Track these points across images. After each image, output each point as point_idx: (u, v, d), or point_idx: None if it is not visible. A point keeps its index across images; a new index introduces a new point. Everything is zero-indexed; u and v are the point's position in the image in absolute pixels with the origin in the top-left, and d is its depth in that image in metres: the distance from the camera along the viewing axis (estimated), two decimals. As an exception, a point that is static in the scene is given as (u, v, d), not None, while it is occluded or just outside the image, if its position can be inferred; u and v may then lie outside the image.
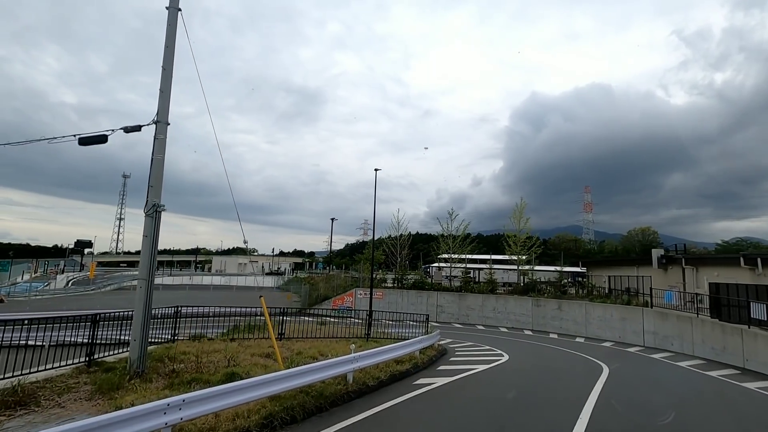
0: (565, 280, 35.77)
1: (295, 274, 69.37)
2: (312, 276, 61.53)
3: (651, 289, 22.99)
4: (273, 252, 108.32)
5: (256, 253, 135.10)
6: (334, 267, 76.74)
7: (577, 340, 24.40)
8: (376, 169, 25.13)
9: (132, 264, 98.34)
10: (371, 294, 25.58)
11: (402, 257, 42.96)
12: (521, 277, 36.43)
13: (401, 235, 42.65)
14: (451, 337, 24.28)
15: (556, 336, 25.98)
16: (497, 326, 30.56)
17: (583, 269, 39.73)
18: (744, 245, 51.85)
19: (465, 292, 34.01)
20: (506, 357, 16.50)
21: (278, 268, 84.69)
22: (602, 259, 35.81)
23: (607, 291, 31.35)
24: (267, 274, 78.80)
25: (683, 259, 25.69)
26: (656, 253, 31.26)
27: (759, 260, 21.14)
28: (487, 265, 38.89)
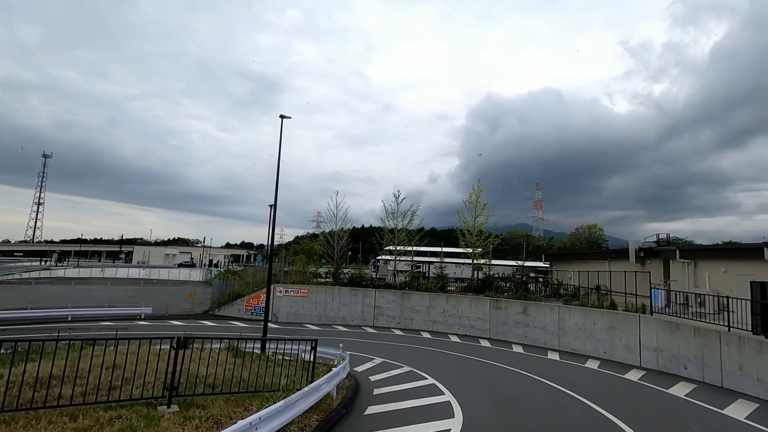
0: (527, 277, 29.57)
1: (227, 267, 59.96)
2: (246, 269, 52.87)
3: (650, 289, 16.69)
4: (205, 242, 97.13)
5: (199, 245, 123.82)
6: (276, 260, 67.68)
7: (550, 356, 17.79)
8: (282, 116, 17.26)
9: (33, 254, 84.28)
10: (268, 295, 17.70)
11: (341, 248, 35.32)
12: (476, 273, 29.87)
13: (339, 216, 34.94)
14: (384, 352, 16.92)
15: (521, 349, 19.31)
16: (447, 333, 23.65)
17: (546, 264, 33.82)
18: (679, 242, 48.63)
19: (409, 290, 26.89)
20: (456, 413, 9.29)
21: (211, 261, 74.47)
22: (568, 252, 29.83)
23: (573, 289, 25.27)
24: (180, 265, 68.54)
25: (677, 252, 19.79)
26: (634, 245, 25.44)
27: (790, 252, 15.29)
28: (438, 259, 32.00)
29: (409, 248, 32.46)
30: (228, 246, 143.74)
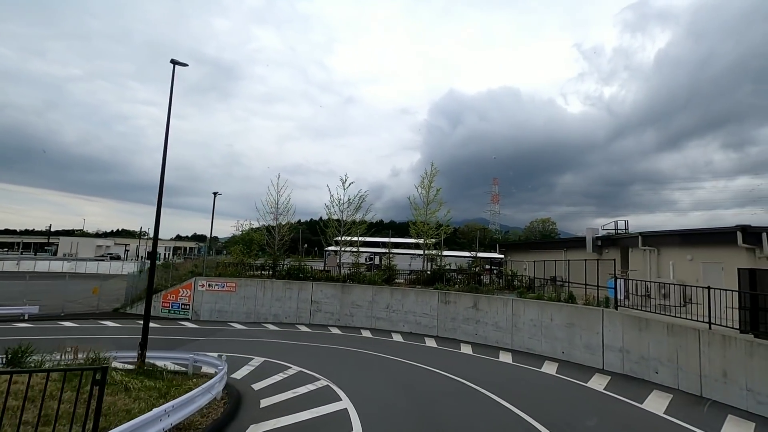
0: (479, 267, 27.14)
1: (165, 260, 54.43)
2: (185, 261, 47.94)
3: (615, 279, 14.31)
4: (152, 234, 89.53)
5: (145, 237, 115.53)
6: (221, 252, 62.76)
7: (502, 358, 15.14)
8: (173, 62, 13.38)
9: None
10: (149, 295, 13.90)
11: (282, 237, 31.58)
12: (427, 264, 27.13)
13: (280, 203, 31.11)
14: (306, 359, 13.52)
15: (470, 350, 16.59)
16: (391, 331, 20.66)
17: (502, 255, 31.62)
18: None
19: (351, 283, 23.68)
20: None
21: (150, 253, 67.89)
22: (524, 242, 27.63)
23: (528, 281, 23.03)
24: (106, 257, 62.17)
25: (639, 239, 17.72)
26: (591, 233, 23.45)
27: (765, 237, 13.32)
28: (386, 249, 28.94)
29: (355, 238, 29.25)
30: (178, 238, 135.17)
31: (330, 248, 33.97)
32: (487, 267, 30.78)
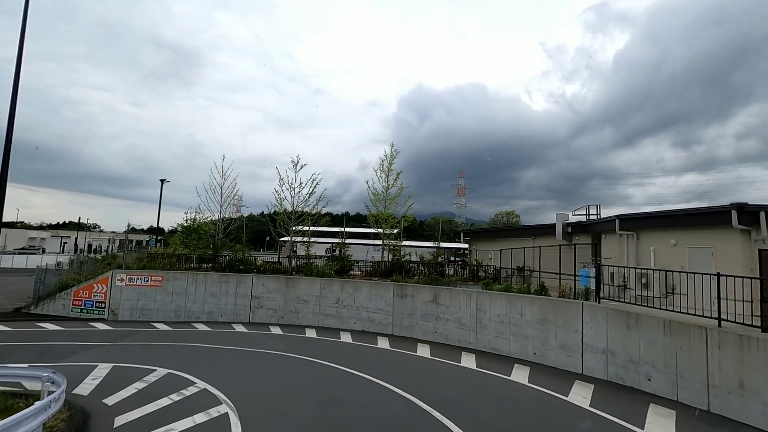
0: (442, 258, 24.70)
1: (100, 253, 49.19)
2: (119, 253, 43.12)
3: (597, 267, 11.96)
4: (90, 227, 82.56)
5: (97, 230, 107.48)
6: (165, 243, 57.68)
7: (464, 362, 12.56)
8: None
9: None
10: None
11: (226, 226, 27.99)
12: (386, 254, 24.42)
13: (224, 186, 27.45)
14: (219, 369, 10.20)
15: (427, 351, 13.95)
16: (340, 330, 17.79)
17: (466, 245, 29.34)
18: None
19: (297, 276, 20.58)
20: None
21: (91, 245, 61.92)
22: (489, 229, 25.38)
23: (495, 271, 20.74)
24: (21, 251, 56.22)
25: (617, 222, 15.61)
26: (561, 218, 21.38)
27: (764, 217, 11.34)
28: (339, 239, 25.94)
29: (306, 228, 26.09)
30: (133, 231, 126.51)
31: (284, 239, 30.56)
32: (452, 258, 28.47)
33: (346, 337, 16.30)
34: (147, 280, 20.56)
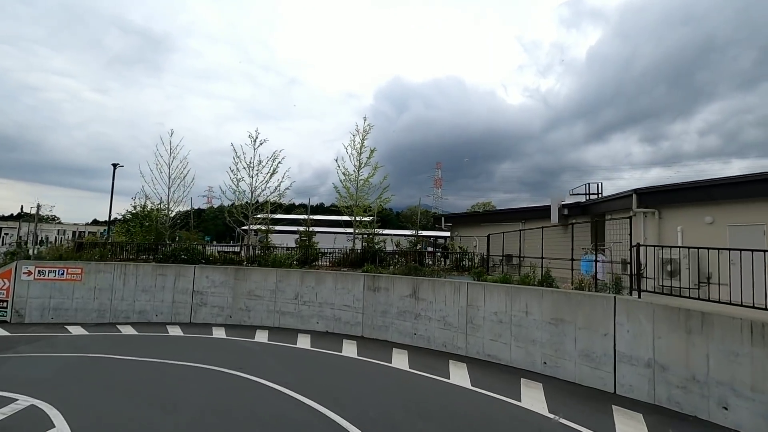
0: (420, 246, 21.53)
1: (45, 245, 43.81)
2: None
3: (635, 249, 8.89)
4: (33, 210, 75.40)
5: (55, 221, 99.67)
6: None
7: (454, 377, 9.30)
8: None
9: None
10: None
11: (174, 211, 23.98)
12: (359, 244, 21.10)
13: (173, 168, 23.30)
14: (118, 398, 6.66)
15: (405, 360, 10.67)
16: (299, 331, 14.33)
17: (446, 234, 26.22)
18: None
19: (250, 267, 16.95)
20: None
21: (37, 236, 55.64)
22: (474, 213, 22.34)
23: (480, 260, 17.72)
24: None
25: (634, 198, 12.71)
26: (556, 201, 18.53)
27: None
28: (303, 227, 22.32)
29: (263, 215, 22.40)
30: (95, 222, 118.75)
31: (244, 227, 26.51)
32: (430, 249, 25.31)
33: (304, 341, 12.86)
34: (62, 273, 16.48)
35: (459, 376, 9.33)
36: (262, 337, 13.58)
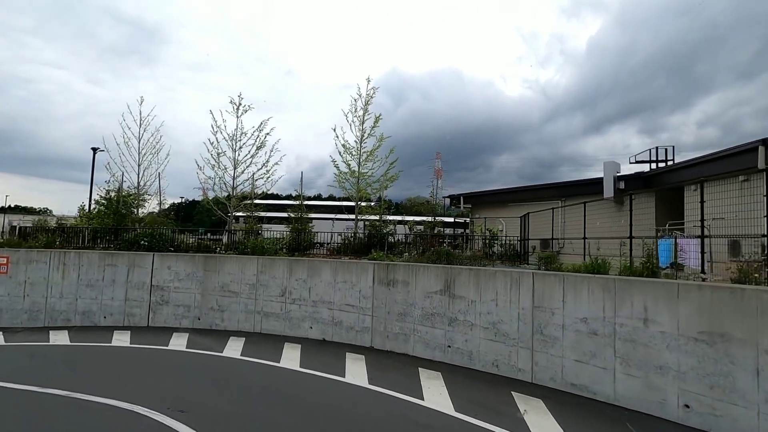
0: (440, 229, 17.64)
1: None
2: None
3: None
4: None
5: (48, 214, 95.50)
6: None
7: (534, 425, 5.56)
8: None
9: None
10: None
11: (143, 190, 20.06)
12: (360, 229, 17.19)
13: (144, 141, 19.26)
14: None
15: (440, 387, 6.86)
16: (286, 339, 10.44)
17: (458, 219, 22.24)
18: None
19: (224, 254, 13.03)
20: None
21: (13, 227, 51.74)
22: (501, 190, 18.34)
23: (513, 247, 13.76)
24: None
25: (762, 152, 8.80)
26: (611, 168, 14.66)
27: None
28: (292, 212, 18.29)
29: (251, 199, 18.47)
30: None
31: (230, 213, 22.34)
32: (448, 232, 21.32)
33: (291, 356, 8.95)
34: (-20, 264, 12.51)
35: (541, 426, 5.45)
36: (235, 348, 9.68)
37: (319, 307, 10.71)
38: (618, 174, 14.38)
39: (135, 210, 19.61)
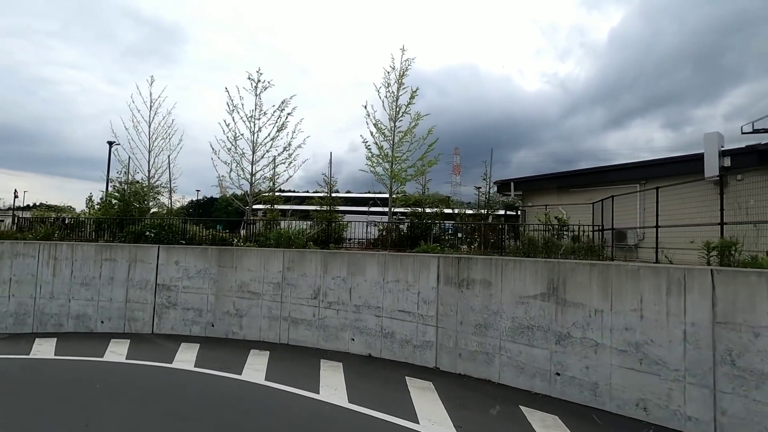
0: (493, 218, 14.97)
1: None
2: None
3: None
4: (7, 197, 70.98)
5: (71, 211, 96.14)
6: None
7: None
8: None
9: None
10: None
11: (154, 177, 17.94)
12: (397, 222, 14.64)
13: (155, 125, 17.11)
14: None
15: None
16: (323, 355, 8.02)
17: (513, 212, 19.41)
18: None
19: (242, 246, 10.68)
20: None
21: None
22: (559, 173, 15.52)
23: (582, 240, 11.00)
24: None
25: None
26: (714, 140, 11.77)
27: None
28: (319, 207, 15.88)
29: (273, 190, 16.02)
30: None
31: (251, 206, 19.91)
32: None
33: (333, 383, 6.49)
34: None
35: None
36: (257, 367, 7.29)
37: (364, 314, 8.24)
38: (722, 148, 11.48)
39: (146, 202, 17.52)
